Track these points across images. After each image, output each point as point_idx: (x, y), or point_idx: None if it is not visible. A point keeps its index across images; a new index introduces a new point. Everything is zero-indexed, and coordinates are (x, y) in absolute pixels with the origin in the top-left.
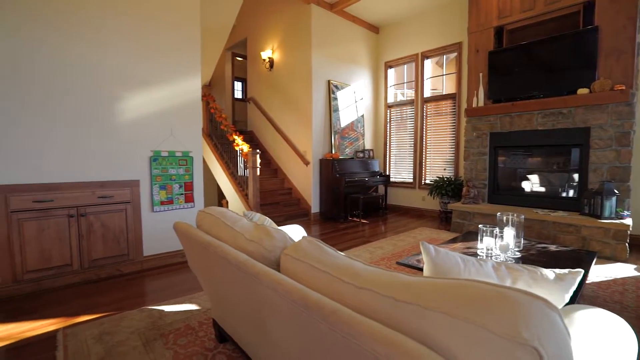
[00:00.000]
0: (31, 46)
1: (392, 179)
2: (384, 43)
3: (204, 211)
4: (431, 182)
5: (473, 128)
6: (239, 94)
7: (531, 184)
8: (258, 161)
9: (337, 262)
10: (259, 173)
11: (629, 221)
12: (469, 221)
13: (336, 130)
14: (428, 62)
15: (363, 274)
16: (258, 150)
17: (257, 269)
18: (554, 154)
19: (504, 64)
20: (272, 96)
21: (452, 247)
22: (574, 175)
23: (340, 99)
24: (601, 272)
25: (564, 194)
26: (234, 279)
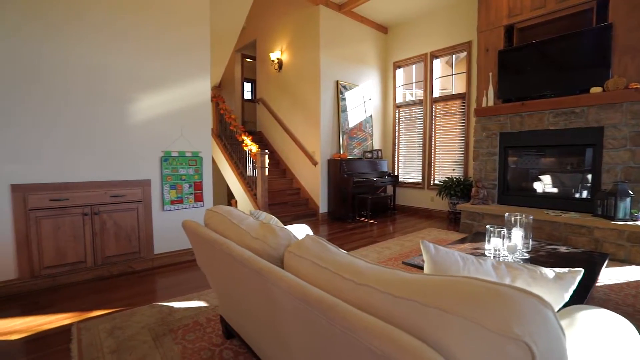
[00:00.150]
0: (50, 50)
1: (400, 179)
2: (393, 43)
3: (211, 210)
4: (440, 182)
5: (482, 128)
6: (248, 95)
7: (542, 184)
8: (266, 161)
9: (338, 259)
10: (267, 173)
11: None
12: (478, 222)
13: (344, 131)
14: (437, 62)
15: (363, 271)
16: (267, 151)
17: (261, 266)
18: (566, 154)
19: (514, 63)
20: (280, 97)
21: (459, 248)
22: (586, 176)
23: (348, 99)
24: (614, 275)
25: (576, 195)
26: (239, 275)
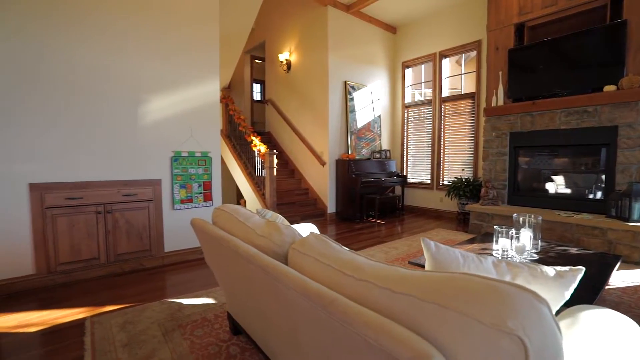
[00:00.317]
0: (69, 55)
1: (409, 179)
2: (401, 43)
3: (219, 208)
4: (449, 183)
5: (492, 128)
6: (257, 96)
7: (553, 185)
8: (275, 161)
9: (340, 256)
10: (275, 173)
11: None
12: (488, 223)
13: (352, 131)
14: (446, 61)
15: (364, 267)
16: (275, 151)
17: (266, 262)
18: (578, 154)
19: (525, 61)
20: (289, 98)
21: (467, 248)
22: (600, 176)
23: (356, 99)
24: (628, 278)
25: (590, 196)
26: (244, 271)
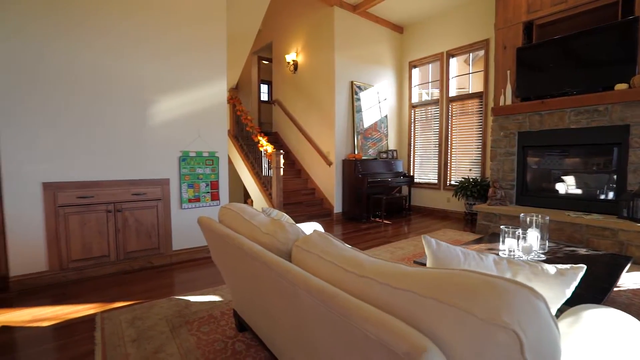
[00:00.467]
0: (81, 58)
1: (416, 179)
2: (409, 42)
3: (225, 207)
4: (456, 183)
5: (500, 127)
6: (265, 97)
7: (562, 185)
8: (282, 161)
9: (343, 253)
10: (282, 173)
11: None
12: (495, 223)
13: (359, 131)
14: (454, 61)
15: (365, 264)
16: (282, 151)
17: (269, 259)
18: (589, 153)
19: (533, 60)
20: (296, 98)
21: (473, 248)
22: (611, 176)
23: (363, 99)
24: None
25: (602, 197)
26: (249, 268)
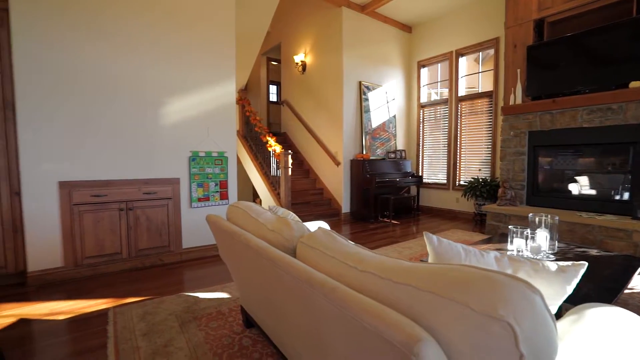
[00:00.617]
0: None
1: (424, 179)
2: (417, 42)
3: (233, 205)
4: (465, 183)
5: (510, 127)
6: (273, 97)
7: (575, 185)
8: (290, 161)
9: (345, 249)
10: (290, 173)
11: None
12: (505, 224)
13: (367, 131)
14: (463, 60)
15: (367, 259)
16: (290, 151)
17: (274, 254)
18: (603, 153)
19: (544, 58)
20: (304, 98)
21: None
22: (626, 176)
23: (371, 99)
24: None
25: (616, 197)
26: (255, 264)
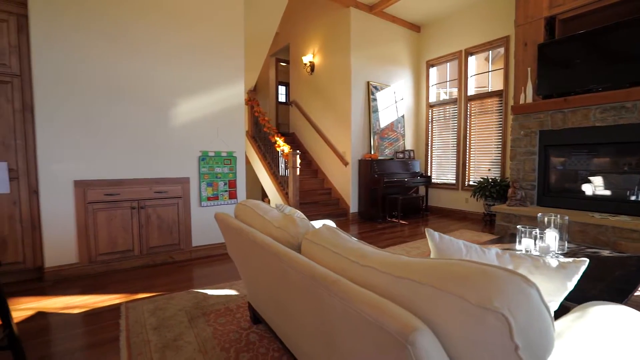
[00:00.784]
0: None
1: (433, 180)
2: (426, 41)
3: (241, 203)
4: (475, 183)
5: (520, 126)
6: (282, 98)
7: (586, 185)
8: (298, 161)
9: (348, 245)
10: (299, 173)
11: None
12: (515, 224)
13: (375, 131)
14: (472, 59)
15: (369, 255)
16: (298, 151)
17: (279, 250)
18: (617, 152)
19: (556, 56)
20: (312, 99)
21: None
22: None
23: (379, 99)
24: None
25: (631, 198)
26: (261, 260)
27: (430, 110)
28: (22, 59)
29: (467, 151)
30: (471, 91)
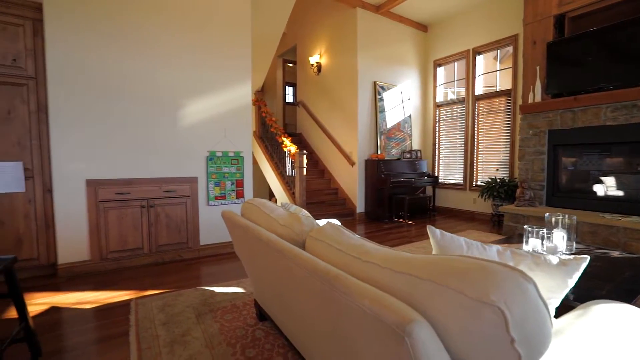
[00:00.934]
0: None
1: (441, 180)
2: (433, 41)
3: (248, 202)
4: (483, 183)
5: (529, 125)
6: (289, 98)
7: (598, 185)
8: (305, 161)
9: (351, 242)
10: (305, 173)
11: None
12: (523, 225)
13: (382, 131)
14: (480, 58)
15: (370, 251)
16: (305, 151)
17: (283, 245)
18: (627, 152)
19: (566, 55)
20: (319, 99)
21: None
22: None
23: (386, 99)
24: None
25: None
26: (266, 256)
27: (437, 110)
28: (37, 62)
29: (475, 151)
30: (479, 90)
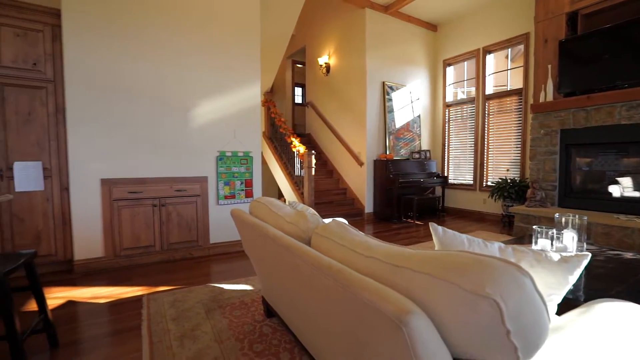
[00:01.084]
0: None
1: (450, 180)
2: (443, 40)
3: (256, 200)
4: (493, 183)
5: (540, 125)
6: (299, 99)
7: (613, 186)
8: (313, 162)
9: (355, 238)
10: (314, 173)
11: None
12: (534, 225)
13: (391, 131)
14: (490, 57)
15: (373, 247)
16: (313, 152)
17: (289, 242)
18: None
19: (578, 53)
20: (328, 100)
21: None
22: None
23: (395, 100)
24: None
25: None
26: (273, 253)
27: (447, 110)
28: (56, 66)
29: (485, 151)
30: (489, 90)
